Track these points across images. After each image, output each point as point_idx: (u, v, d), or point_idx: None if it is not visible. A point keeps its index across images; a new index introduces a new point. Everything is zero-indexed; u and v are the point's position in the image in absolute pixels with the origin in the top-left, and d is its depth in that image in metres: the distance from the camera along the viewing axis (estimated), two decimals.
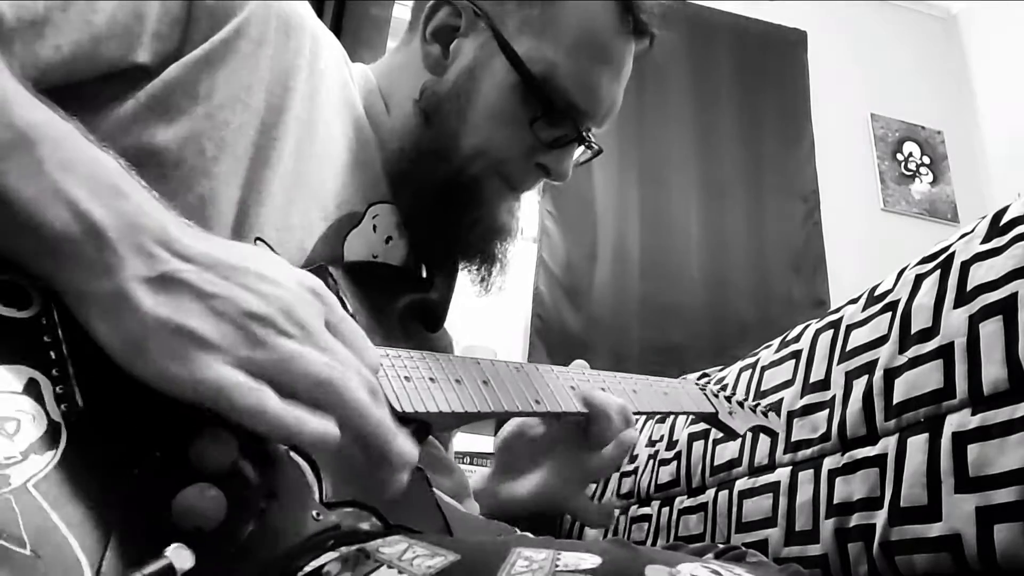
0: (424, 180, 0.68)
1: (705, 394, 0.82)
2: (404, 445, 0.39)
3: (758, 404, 0.88)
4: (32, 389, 0.35)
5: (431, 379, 0.56)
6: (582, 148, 0.75)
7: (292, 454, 0.42)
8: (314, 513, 0.41)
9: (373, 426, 0.38)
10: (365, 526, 0.42)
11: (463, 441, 1.94)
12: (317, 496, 0.41)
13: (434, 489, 0.50)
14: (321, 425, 0.36)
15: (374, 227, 0.69)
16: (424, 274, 0.75)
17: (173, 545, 0.33)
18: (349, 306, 0.58)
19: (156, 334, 0.34)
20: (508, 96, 0.66)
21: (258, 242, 0.56)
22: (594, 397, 0.67)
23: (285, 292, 0.38)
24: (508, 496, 0.77)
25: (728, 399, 0.84)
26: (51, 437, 0.34)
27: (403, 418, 0.53)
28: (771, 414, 0.87)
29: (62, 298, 0.36)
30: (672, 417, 1.16)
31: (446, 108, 0.68)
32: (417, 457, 0.39)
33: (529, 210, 2.36)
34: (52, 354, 0.36)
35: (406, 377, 0.55)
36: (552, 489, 0.74)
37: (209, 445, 0.36)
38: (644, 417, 1.28)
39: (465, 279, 0.76)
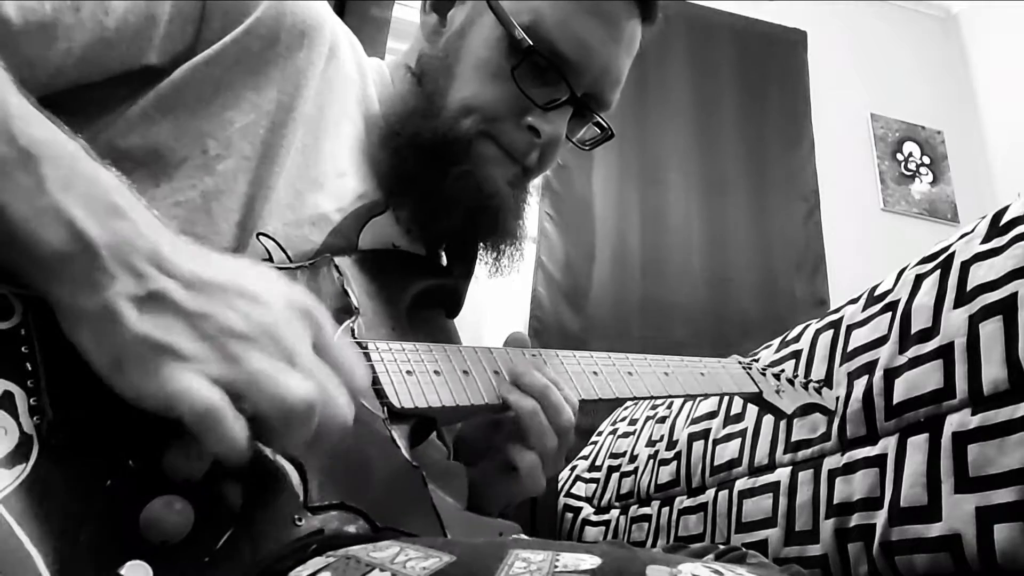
0: (409, 138, 0.66)
1: (749, 373, 0.77)
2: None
3: (810, 380, 0.83)
4: (6, 401, 0.34)
5: (435, 372, 0.55)
6: (589, 128, 0.73)
7: (278, 457, 0.41)
8: (295, 518, 0.40)
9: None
10: (351, 529, 0.41)
11: None
12: (301, 499, 0.41)
13: (431, 487, 0.49)
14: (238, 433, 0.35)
15: (397, 218, 0.69)
16: (444, 262, 0.74)
17: (129, 562, 0.33)
18: (355, 297, 0.57)
19: (134, 350, 0.35)
20: (494, 48, 0.65)
21: (261, 238, 0.56)
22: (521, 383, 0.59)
23: (271, 313, 0.38)
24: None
25: (777, 376, 0.79)
26: (22, 450, 0.33)
27: (403, 414, 0.52)
28: (824, 390, 0.82)
29: (53, 310, 0.36)
30: (672, 417, 1.15)
31: (435, 66, 0.68)
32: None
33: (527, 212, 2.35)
34: (28, 366, 0.36)
35: (408, 371, 0.54)
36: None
37: (180, 455, 0.36)
38: (644, 417, 1.27)
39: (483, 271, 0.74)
